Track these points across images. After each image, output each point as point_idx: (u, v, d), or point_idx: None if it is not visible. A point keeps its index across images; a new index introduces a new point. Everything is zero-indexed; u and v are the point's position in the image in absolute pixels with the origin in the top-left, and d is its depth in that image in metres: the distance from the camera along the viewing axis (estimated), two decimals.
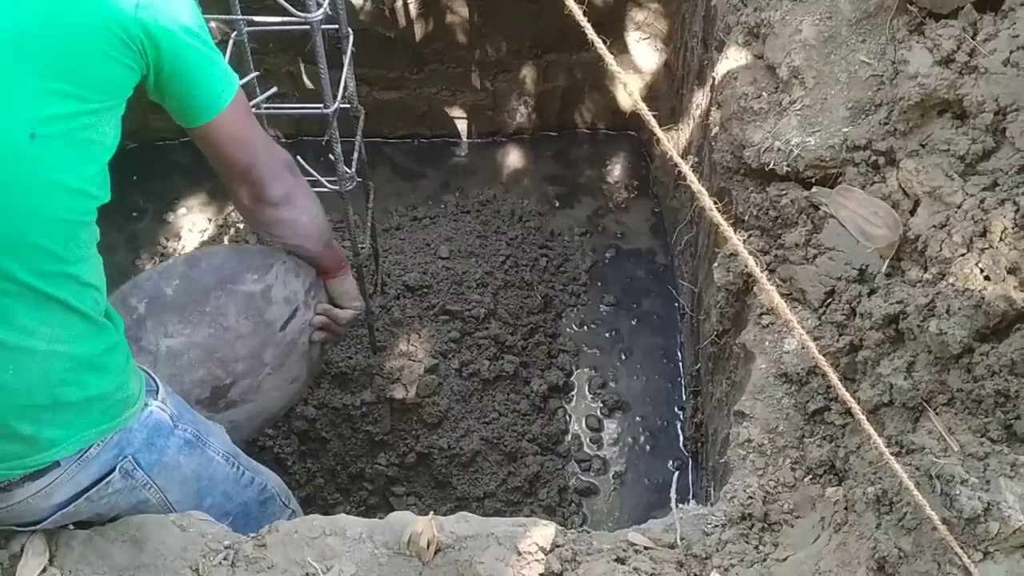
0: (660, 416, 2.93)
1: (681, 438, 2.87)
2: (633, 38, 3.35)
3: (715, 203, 1.28)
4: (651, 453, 2.85)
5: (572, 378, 2.97)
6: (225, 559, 1.54)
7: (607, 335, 3.11)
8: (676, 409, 2.94)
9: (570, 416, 2.90)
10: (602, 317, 3.15)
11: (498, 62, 3.41)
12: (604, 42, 1.21)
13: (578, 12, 1.25)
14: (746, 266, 1.29)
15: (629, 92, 1.24)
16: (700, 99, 2.52)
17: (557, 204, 3.43)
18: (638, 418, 2.93)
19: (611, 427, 2.90)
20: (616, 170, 3.56)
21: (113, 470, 1.50)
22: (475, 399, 2.71)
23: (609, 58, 1.26)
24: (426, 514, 1.56)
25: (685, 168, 1.27)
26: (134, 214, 3.31)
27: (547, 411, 2.84)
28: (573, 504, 2.72)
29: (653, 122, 1.30)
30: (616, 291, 3.21)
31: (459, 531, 1.56)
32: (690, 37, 2.79)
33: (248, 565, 1.54)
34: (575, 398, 2.95)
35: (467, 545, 1.54)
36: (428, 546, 1.54)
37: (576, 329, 3.11)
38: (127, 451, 1.51)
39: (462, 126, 3.58)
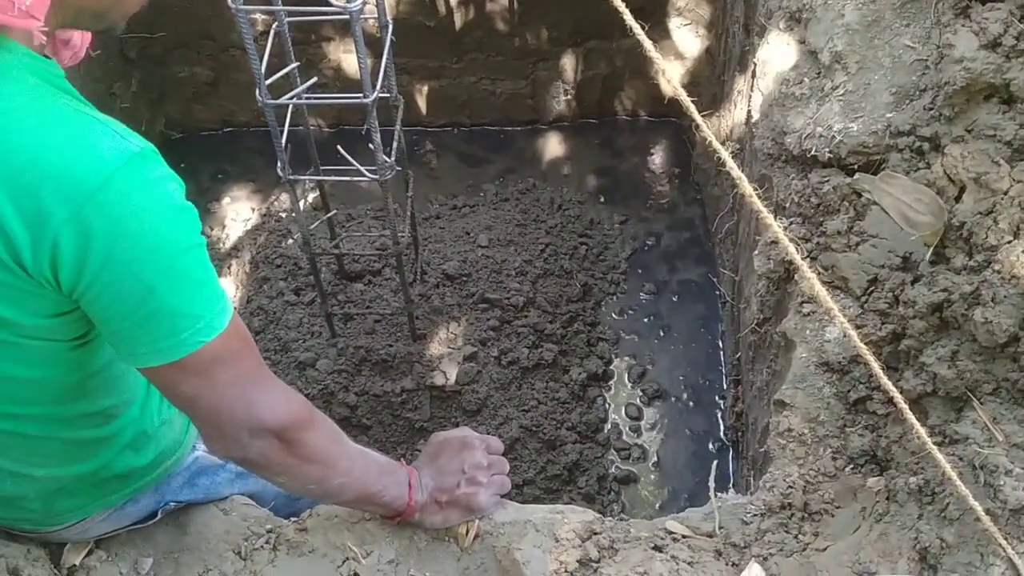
0: (700, 405, 2.92)
1: (722, 427, 2.85)
2: (675, 24, 3.32)
3: (755, 190, 1.26)
4: (691, 442, 2.84)
5: (611, 366, 2.96)
6: (267, 543, 1.56)
7: (647, 323, 3.09)
8: (717, 398, 2.93)
9: (609, 404, 2.90)
10: (642, 305, 3.14)
11: (538, 50, 3.40)
12: (644, 28, 1.20)
13: (619, 1, 1.25)
14: (787, 254, 1.27)
15: (668, 79, 1.24)
16: (742, 85, 2.49)
17: (597, 192, 3.42)
18: (678, 406, 2.92)
19: (651, 415, 2.90)
20: (657, 158, 3.54)
21: (156, 513, 1.51)
22: (514, 387, 2.72)
23: (648, 44, 1.25)
24: None
25: (724, 154, 1.26)
26: None
27: (586, 399, 2.84)
28: (612, 492, 2.73)
29: (692, 108, 1.28)
30: (656, 279, 3.20)
31: (497, 517, 1.57)
32: (732, 23, 2.76)
33: (290, 549, 1.56)
34: (614, 386, 2.94)
35: (505, 531, 1.55)
36: (467, 532, 1.55)
37: (616, 317, 3.10)
38: (167, 496, 1.51)
39: (502, 114, 3.58)
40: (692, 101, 1.23)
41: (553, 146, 3.56)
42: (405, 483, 1.44)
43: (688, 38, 3.33)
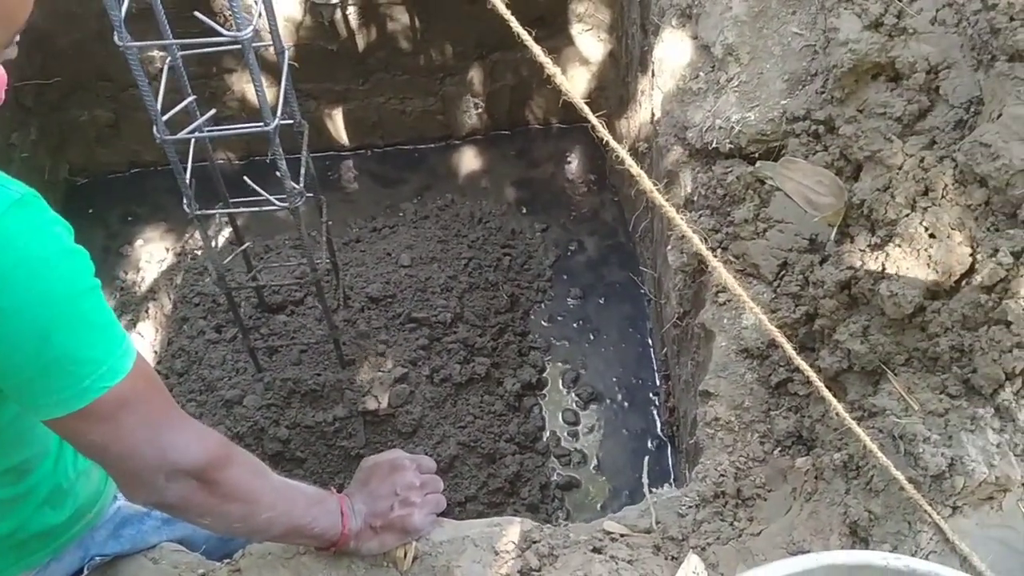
0: (635, 403, 2.93)
1: (658, 423, 2.87)
2: (577, 30, 3.35)
3: (656, 185, 1.27)
4: (629, 441, 2.86)
5: (545, 374, 2.96)
6: None
7: (576, 328, 3.11)
8: (651, 395, 2.95)
9: (546, 412, 2.89)
10: (570, 311, 3.15)
11: (444, 66, 3.40)
12: (543, 37, 1.20)
13: (505, 11, 1.24)
14: (695, 247, 1.29)
15: (559, 84, 1.24)
16: (644, 85, 2.52)
17: (517, 203, 3.43)
18: (614, 407, 2.93)
19: (587, 419, 2.91)
20: (572, 164, 3.56)
21: (82, 569, 1.45)
22: (449, 404, 2.70)
23: (537, 50, 1.26)
24: None
25: (621, 151, 1.27)
26: (90, 250, 3.28)
27: (522, 409, 2.83)
28: (556, 500, 2.72)
29: (586, 109, 1.29)
30: (582, 284, 3.22)
31: (435, 537, 1.55)
32: (630, 24, 2.80)
33: None
34: (549, 393, 2.95)
35: (443, 550, 1.53)
36: (405, 555, 1.53)
37: (545, 325, 3.11)
38: (92, 551, 1.45)
39: (414, 132, 3.57)
40: (591, 106, 1.24)
41: (468, 160, 3.56)
42: (336, 511, 1.41)
43: (591, 43, 3.36)
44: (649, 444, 2.84)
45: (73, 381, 1.02)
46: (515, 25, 1.23)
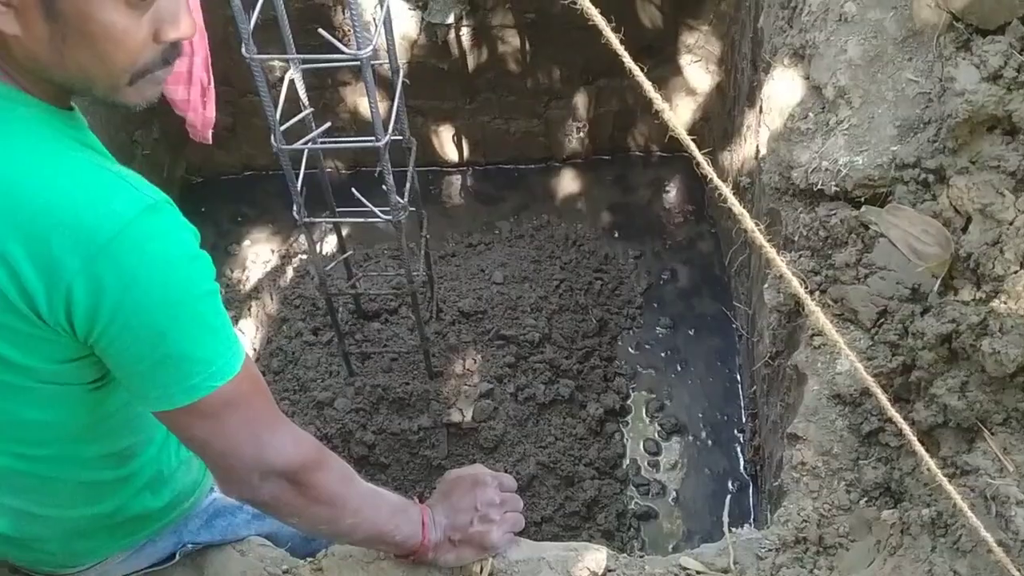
0: (719, 439, 2.91)
1: (741, 461, 2.84)
2: (685, 60, 3.36)
3: (757, 225, 1.28)
4: (710, 476, 2.83)
5: (629, 401, 2.96)
6: None
7: (664, 357, 3.10)
8: (736, 431, 2.92)
9: (627, 439, 2.89)
10: (658, 339, 3.15)
11: (550, 89, 3.45)
12: (652, 66, 1.22)
13: (614, 40, 1.26)
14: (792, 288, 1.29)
15: (667, 119, 1.26)
16: (751, 120, 2.51)
17: (611, 228, 3.45)
18: (697, 441, 2.91)
19: (669, 450, 2.89)
20: (671, 192, 3.56)
21: (174, 554, 1.52)
22: (531, 423, 2.73)
23: (648, 85, 1.27)
24: None
25: (725, 190, 1.27)
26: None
27: (604, 435, 2.84)
28: (632, 529, 2.72)
29: (693, 147, 1.30)
30: (672, 314, 3.21)
31: (511, 555, 1.57)
32: (740, 59, 2.79)
33: None
34: (632, 421, 2.94)
35: (518, 570, 1.56)
36: (480, 571, 1.56)
37: (632, 352, 3.11)
38: (185, 538, 1.51)
39: (516, 152, 3.62)
40: (696, 138, 1.25)
41: (567, 183, 3.59)
42: (418, 521, 1.45)
43: (699, 74, 3.36)
44: (730, 485, 2.81)
45: (182, 377, 1.07)
46: (627, 60, 1.25)
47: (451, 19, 3.16)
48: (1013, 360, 1.40)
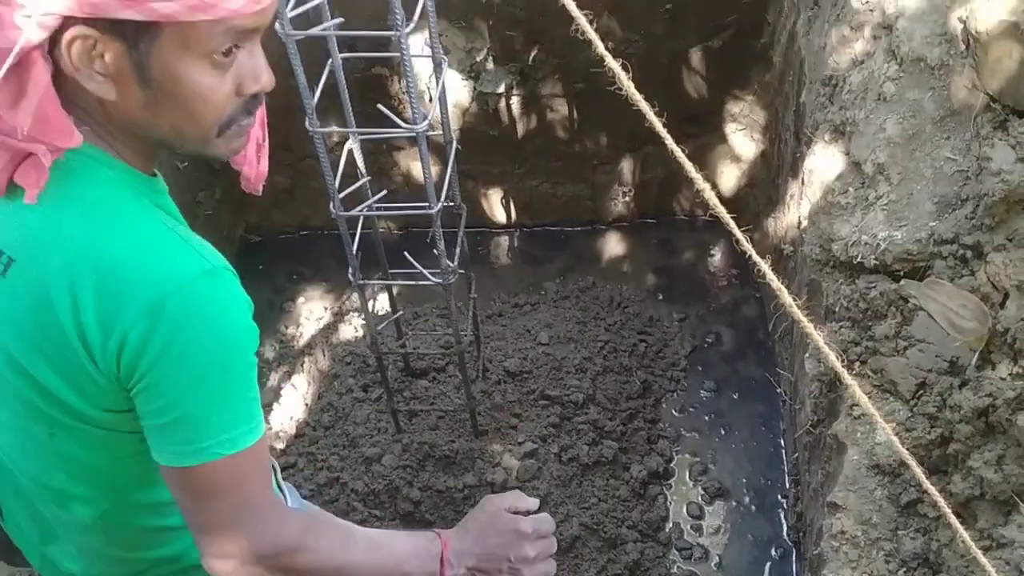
0: (763, 504, 2.91)
1: (784, 527, 2.84)
2: (731, 129, 3.44)
3: (795, 299, 1.33)
4: (753, 542, 2.83)
5: (672, 464, 2.98)
6: None
7: (707, 420, 3.12)
8: (779, 497, 2.92)
9: (671, 503, 2.91)
10: (702, 403, 3.17)
11: (597, 154, 3.54)
12: (689, 136, 1.27)
13: (657, 123, 1.33)
14: (831, 362, 1.33)
15: (708, 198, 1.31)
16: (794, 190, 2.57)
17: (656, 290, 3.50)
18: (740, 506, 2.92)
19: (713, 514, 2.90)
20: (716, 256, 3.61)
21: None
22: (575, 484, 2.76)
23: (689, 166, 1.32)
24: None
25: (764, 266, 1.32)
26: (256, 303, 3.54)
27: (647, 497, 2.86)
28: None
29: (733, 225, 1.34)
30: (717, 377, 3.23)
31: None
32: (783, 129, 2.86)
33: None
34: (676, 484, 2.96)
35: None
36: None
37: (676, 414, 3.13)
38: None
39: (563, 215, 3.71)
40: (740, 202, 1.31)
41: (612, 245, 3.66)
42: (437, 557, 1.42)
43: (744, 143, 3.43)
44: (773, 552, 2.80)
45: (194, 439, 1.13)
46: (670, 142, 1.32)
47: (502, 88, 3.28)
48: None
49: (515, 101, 3.35)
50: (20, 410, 1.20)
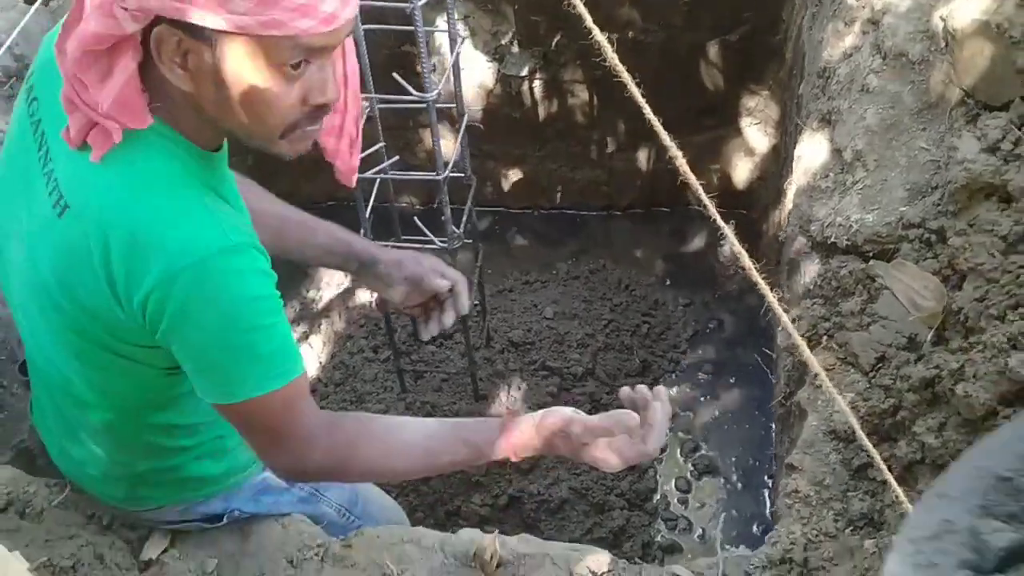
0: (749, 483, 3.01)
1: (768, 505, 2.94)
2: (745, 122, 3.53)
3: (760, 272, 1.45)
4: (737, 518, 2.94)
5: (665, 440, 3.09)
6: (316, 555, 1.77)
7: (702, 401, 3.23)
8: (765, 477, 3.02)
9: (660, 476, 3.02)
10: (699, 384, 3.28)
11: (615, 142, 3.66)
12: (715, 126, 1.37)
13: (657, 124, 1.44)
14: (792, 334, 1.44)
15: (700, 196, 1.43)
16: (790, 178, 2.67)
17: (664, 276, 3.61)
18: (727, 484, 3.02)
19: (700, 489, 3.01)
20: (725, 247, 3.70)
21: (222, 516, 1.73)
22: None
23: (689, 174, 1.45)
24: None
25: (739, 248, 1.45)
26: (282, 269, 3.71)
27: (637, 469, 2.97)
28: (656, 560, 2.83)
29: (715, 213, 1.48)
30: (715, 361, 3.33)
31: (519, 549, 1.75)
32: (789, 123, 2.96)
33: (335, 562, 1.77)
34: (666, 459, 3.07)
35: (524, 563, 1.72)
36: (491, 559, 1.73)
37: (673, 394, 3.24)
38: (234, 504, 1.73)
39: (579, 199, 3.83)
40: (751, 195, 1.43)
41: (625, 231, 3.77)
42: (494, 442, 1.47)
43: (757, 136, 3.53)
44: (755, 528, 2.91)
45: (220, 384, 1.30)
46: (674, 150, 1.44)
47: (525, 72, 3.41)
48: (983, 404, 1.53)
49: (538, 85, 3.48)
50: (55, 327, 1.35)
